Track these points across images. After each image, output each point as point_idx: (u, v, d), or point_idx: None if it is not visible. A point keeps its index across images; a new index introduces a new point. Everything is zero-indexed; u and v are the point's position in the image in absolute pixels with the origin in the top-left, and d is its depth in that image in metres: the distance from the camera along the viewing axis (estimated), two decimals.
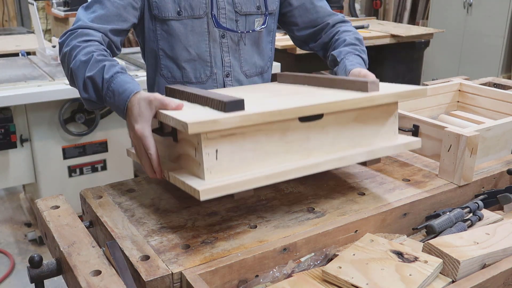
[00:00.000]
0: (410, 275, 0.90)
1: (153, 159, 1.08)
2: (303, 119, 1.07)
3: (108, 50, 1.32)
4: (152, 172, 1.10)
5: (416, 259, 0.94)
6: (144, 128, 1.08)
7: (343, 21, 1.63)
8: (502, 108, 1.73)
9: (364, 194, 1.22)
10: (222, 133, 0.98)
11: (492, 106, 1.77)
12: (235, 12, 1.49)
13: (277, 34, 2.11)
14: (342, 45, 1.54)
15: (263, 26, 1.55)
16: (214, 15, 1.46)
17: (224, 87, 1.54)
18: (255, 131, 1.02)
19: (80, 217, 1.12)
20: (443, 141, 1.29)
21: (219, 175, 0.99)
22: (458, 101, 1.89)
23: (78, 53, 1.25)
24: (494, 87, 2.04)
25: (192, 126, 0.92)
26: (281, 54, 3.45)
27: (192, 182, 0.98)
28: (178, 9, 1.44)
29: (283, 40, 3.61)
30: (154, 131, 1.13)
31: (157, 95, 1.09)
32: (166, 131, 1.13)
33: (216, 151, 0.98)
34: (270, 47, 1.64)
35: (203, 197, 0.93)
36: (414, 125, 1.43)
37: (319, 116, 1.09)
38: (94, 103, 1.26)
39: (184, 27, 1.45)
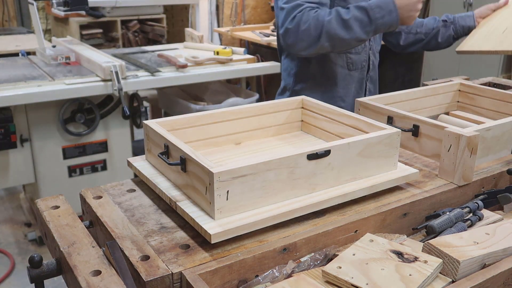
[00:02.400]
0: (410, 275, 0.90)
1: None
2: (311, 156, 1.10)
3: None
4: None
5: (416, 259, 0.94)
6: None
7: None
8: (502, 108, 1.73)
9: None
10: (234, 175, 1.01)
11: (492, 106, 1.77)
12: None
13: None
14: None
15: None
16: None
17: (369, 58, 1.97)
18: (266, 171, 1.05)
19: (80, 217, 1.12)
20: (443, 141, 1.29)
21: (228, 214, 1.03)
22: (458, 101, 1.89)
23: (322, 18, 1.64)
24: (494, 87, 2.04)
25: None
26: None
27: (203, 222, 1.01)
28: None
29: None
30: (160, 155, 1.15)
31: None
32: (173, 158, 1.14)
33: (227, 192, 1.00)
34: (381, 34, 2.03)
35: (214, 240, 0.98)
36: (414, 125, 1.43)
37: (326, 153, 1.12)
38: (359, 39, 1.68)
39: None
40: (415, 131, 1.43)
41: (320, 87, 1.95)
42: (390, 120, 1.50)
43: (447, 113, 1.84)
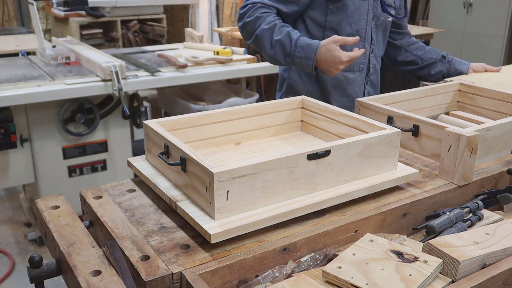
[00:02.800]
0: (410, 275, 0.90)
1: (357, 56, 1.63)
2: (311, 156, 1.10)
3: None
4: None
5: (416, 259, 0.94)
6: (342, 55, 1.61)
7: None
8: (502, 108, 1.73)
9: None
10: (234, 175, 1.01)
11: (492, 106, 1.77)
12: (385, 2, 1.89)
13: None
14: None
15: (401, 16, 2.01)
16: (383, 1, 1.87)
17: (369, 61, 1.94)
18: (266, 171, 1.05)
19: (80, 217, 1.12)
20: (443, 141, 1.29)
21: (228, 214, 1.03)
22: (458, 101, 1.89)
23: (262, 22, 1.72)
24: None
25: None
26: None
27: (203, 222, 1.01)
28: None
29: None
30: (160, 155, 1.15)
31: (337, 36, 1.64)
32: (173, 159, 1.14)
33: (227, 192, 1.00)
34: (386, 40, 2.03)
35: (214, 240, 0.98)
36: (414, 125, 1.43)
37: (326, 153, 1.12)
38: (277, 61, 1.74)
39: (353, 5, 1.80)
40: (415, 131, 1.43)
41: (314, 83, 1.94)
42: (390, 120, 1.50)
43: (447, 113, 1.84)
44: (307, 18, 1.85)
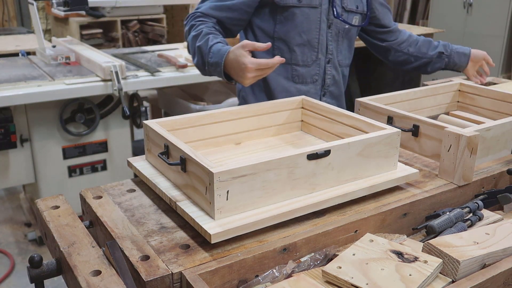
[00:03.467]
0: (410, 275, 0.90)
1: (267, 64, 1.38)
2: (311, 156, 1.10)
3: (218, 28, 1.67)
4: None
5: (416, 259, 0.94)
6: (247, 61, 1.38)
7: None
8: (502, 108, 1.73)
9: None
10: (234, 175, 1.01)
11: (492, 106, 1.77)
12: (342, 7, 1.75)
13: None
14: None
15: (362, 24, 1.84)
16: (336, 6, 1.72)
17: (325, 72, 1.79)
18: (265, 171, 1.05)
19: (80, 217, 1.12)
20: (443, 141, 1.29)
21: (228, 214, 1.03)
22: (458, 101, 1.89)
23: (193, 30, 1.63)
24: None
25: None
26: None
27: (203, 222, 1.01)
28: None
29: None
30: (160, 155, 1.15)
31: (246, 41, 1.42)
32: (173, 159, 1.14)
33: (227, 192, 1.00)
34: (352, 47, 1.90)
35: (214, 240, 0.98)
36: (414, 125, 1.43)
37: (326, 153, 1.12)
38: (200, 68, 1.61)
39: (301, 14, 1.68)
40: (415, 131, 1.43)
41: (264, 96, 1.81)
42: (390, 120, 1.50)
43: (447, 113, 1.84)
44: (256, 27, 1.75)
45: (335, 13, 1.71)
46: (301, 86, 1.78)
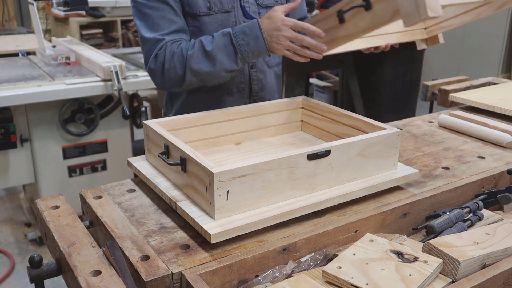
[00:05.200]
0: (410, 275, 0.90)
1: (305, 28, 1.29)
2: (311, 156, 1.10)
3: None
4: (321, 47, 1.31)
5: (416, 259, 0.94)
6: (291, 20, 1.30)
7: None
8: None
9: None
10: (234, 175, 1.01)
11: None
12: (257, 4, 1.59)
13: None
14: None
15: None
16: (244, 6, 1.55)
17: (250, 78, 1.62)
18: (266, 171, 1.05)
19: (80, 217, 1.12)
20: None
21: (228, 214, 1.03)
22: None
23: (181, 54, 1.41)
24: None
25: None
26: None
27: (203, 222, 1.01)
28: (208, 5, 1.49)
29: None
30: (160, 155, 1.15)
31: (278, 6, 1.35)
32: (173, 159, 1.14)
33: (227, 192, 1.00)
34: None
35: (214, 240, 0.98)
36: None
37: (326, 153, 1.12)
38: (226, 70, 1.42)
39: (215, 22, 1.52)
40: (367, 4, 1.23)
41: (189, 110, 1.52)
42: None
43: (447, 113, 1.84)
44: None
45: (244, 14, 1.55)
46: (227, 97, 1.61)
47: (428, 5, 1.07)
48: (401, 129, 1.60)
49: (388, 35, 1.50)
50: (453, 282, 0.93)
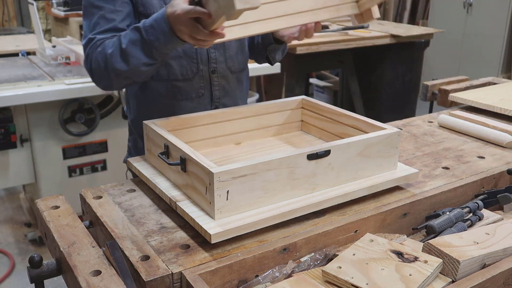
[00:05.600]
0: (410, 275, 0.90)
1: (201, 12, 1.09)
2: (311, 156, 1.10)
3: None
4: (211, 34, 1.12)
5: (416, 259, 0.94)
6: (183, 6, 1.12)
7: None
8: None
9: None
10: (234, 175, 1.01)
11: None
12: None
13: None
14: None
15: None
16: None
17: (211, 83, 1.53)
18: (266, 171, 1.05)
19: (80, 217, 1.12)
20: None
21: (228, 214, 1.03)
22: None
23: (107, 49, 1.33)
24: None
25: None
26: None
27: (203, 222, 1.01)
28: (164, 5, 1.42)
29: None
30: (160, 155, 1.15)
31: None
32: (173, 159, 1.14)
33: (227, 192, 1.00)
34: (247, 44, 1.64)
35: (214, 240, 0.97)
36: None
37: (326, 153, 1.12)
38: (141, 66, 1.30)
39: None
40: None
41: (147, 117, 1.45)
42: None
43: (447, 113, 1.84)
44: None
45: None
46: (186, 103, 1.52)
47: None
48: (401, 129, 1.60)
49: (316, 11, 1.36)
50: (453, 282, 0.93)
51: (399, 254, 0.96)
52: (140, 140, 1.58)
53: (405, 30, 4.18)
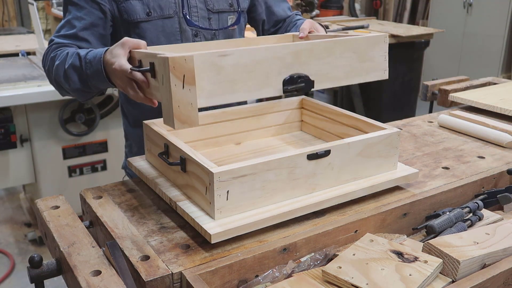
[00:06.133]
0: (410, 275, 0.90)
1: (139, 79, 1.05)
2: (311, 156, 1.10)
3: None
4: (144, 98, 1.10)
5: (416, 259, 0.94)
6: (121, 62, 1.09)
7: (298, 15, 1.74)
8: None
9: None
10: (234, 175, 1.00)
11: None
12: (208, 10, 1.49)
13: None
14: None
15: (236, 24, 1.56)
16: (185, 13, 1.44)
17: None
18: (265, 171, 1.05)
19: (80, 217, 1.12)
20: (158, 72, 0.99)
21: (228, 214, 1.03)
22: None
23: (56, 60, 1.31)
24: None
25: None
26: None
27: (203, 222, 1.01)
28: (147, 10, 1.42)
29: None
30: (160, 155, 1.15)
31: (128, 38, 1.13)
32: (173, 159, 1.14)
33: (227, 192, 1.00)
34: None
35: (214, 240, 0.97)
36: None
37: (326, 153, 1.12)
38: (80, 91, 1.30)
39: (155, 28, 1.43)
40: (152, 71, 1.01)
41: (133, 123, 1.55)
42: None
43: (447, 113, 1.84)
44: None
45: (186, 22, 1.45)
46: None
47: (176, 116, 0.94)
48: (401, 129, 1.60)
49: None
50: (453, 282, 0.93)
51: (399, 254, 0.96)
52: (135, 146, 1.58)
53: (405, 30, 4.18)
